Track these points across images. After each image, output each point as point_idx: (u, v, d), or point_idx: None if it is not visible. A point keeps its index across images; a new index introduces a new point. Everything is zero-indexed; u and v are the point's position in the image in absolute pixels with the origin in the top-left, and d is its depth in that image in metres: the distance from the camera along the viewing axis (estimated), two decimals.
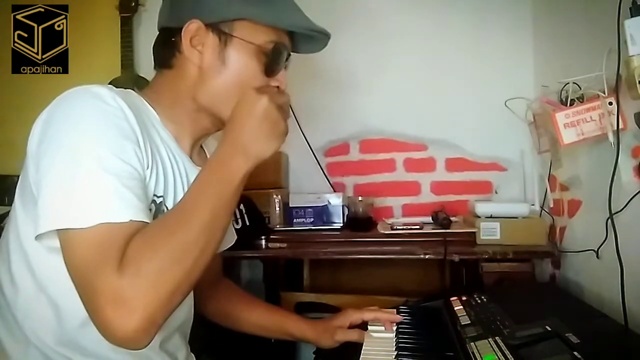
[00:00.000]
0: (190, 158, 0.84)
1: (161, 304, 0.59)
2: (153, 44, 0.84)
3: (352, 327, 1.01)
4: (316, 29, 0.80)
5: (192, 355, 0.96)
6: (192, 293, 0.89)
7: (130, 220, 0.62)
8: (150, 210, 0.72)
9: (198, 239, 0.63)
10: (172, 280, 0.60)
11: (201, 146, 0.91)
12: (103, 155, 0.64)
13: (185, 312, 0.91)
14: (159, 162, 0.76)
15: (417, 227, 1.37)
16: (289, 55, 0.82)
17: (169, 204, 0.78)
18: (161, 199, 0.76)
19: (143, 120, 0.73)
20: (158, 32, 0.83)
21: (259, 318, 1.04)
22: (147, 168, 0.72)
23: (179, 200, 0.76)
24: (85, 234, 0.60)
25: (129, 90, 0.78)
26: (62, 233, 0.62)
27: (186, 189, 0.78)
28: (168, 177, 0.78)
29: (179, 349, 0.90)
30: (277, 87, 0.80)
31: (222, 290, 1.08)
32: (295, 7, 0.80)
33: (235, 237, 1.07)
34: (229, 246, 1.05)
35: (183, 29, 0.75)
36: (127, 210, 0.62)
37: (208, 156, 0.92)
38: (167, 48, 0.79)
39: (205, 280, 1.04)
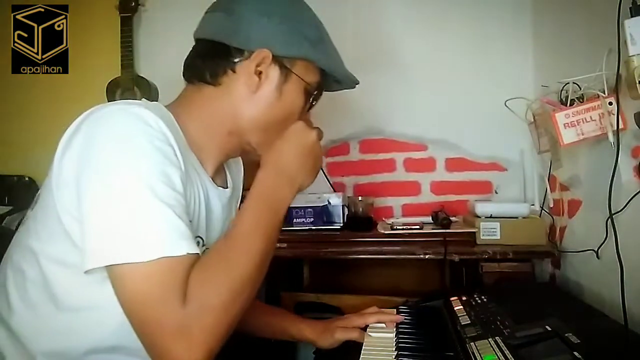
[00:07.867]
0: (213, 180, 0.82)
1: (222, 337, 0.61)
2: (192, 54, 0.81)
3: None
4: (355, 80, 0.88)
5: None
6: None
7: (187, 253, 0.62)
8: None
9: (256, 271, 0.66)
10: (234, 313, 0.63)
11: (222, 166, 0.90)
12: (154, 183, 0.62)
13: None
14: (191, 186, 0.75)
15: (417, 227, 1.36)
16: None
17: (192, 229, 0.75)
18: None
19: (179, 143, 0.71)
20: (202, 42, 0.80)
21: (258, 319, 1.04)
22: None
23: (197, 223, 0.76)
24: (145, 268, 0.59)
25: (159, 105, 0.76)
26: (113, 266, 0.60)
27: (204, 213, 0.79)
28: (194, 201, 0.76)
29: None
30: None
31: None
32: (338, 54, 0.86)
33: None
34: None
35: (253, 54, 0.76)
36: (183, 242, 0.62)
37: (229, 176, 0.91)
38: (219, 64, 0.78)
39: None
